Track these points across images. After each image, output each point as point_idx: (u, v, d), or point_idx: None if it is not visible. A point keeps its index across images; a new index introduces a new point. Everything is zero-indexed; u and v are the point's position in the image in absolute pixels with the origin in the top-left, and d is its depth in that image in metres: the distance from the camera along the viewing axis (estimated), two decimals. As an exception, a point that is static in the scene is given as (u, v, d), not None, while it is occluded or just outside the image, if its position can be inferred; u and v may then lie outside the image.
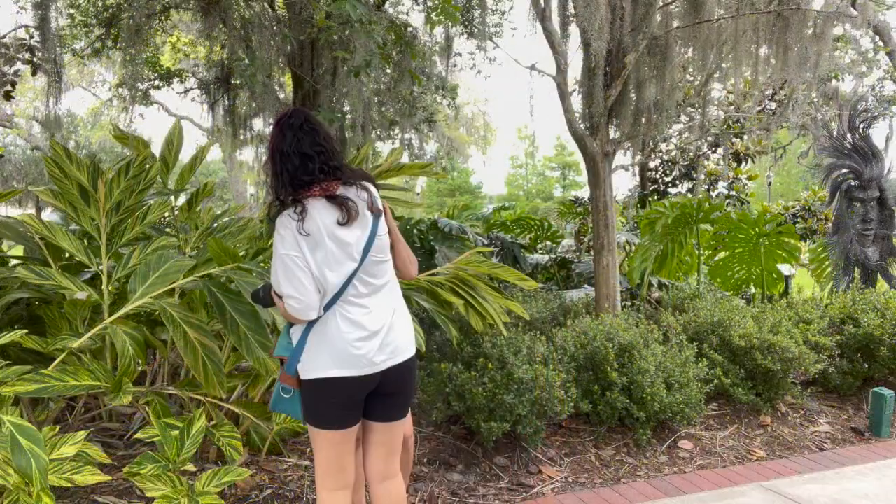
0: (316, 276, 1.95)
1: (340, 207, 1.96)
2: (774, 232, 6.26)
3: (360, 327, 1.97)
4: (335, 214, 1.96)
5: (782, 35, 5.05)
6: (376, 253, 2.03)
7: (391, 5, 9.42)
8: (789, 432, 4.16)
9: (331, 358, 1.95)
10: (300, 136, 1.97)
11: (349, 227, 1.97)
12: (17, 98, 11.02)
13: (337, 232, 1.96)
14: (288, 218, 1.95)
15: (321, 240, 1.94)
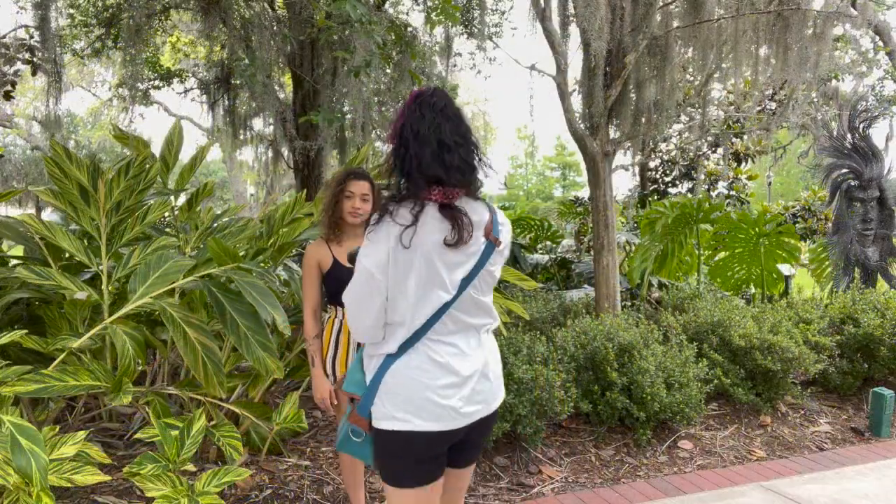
0: (396, 303, 1.61)
1: (453, 223, 1.58)
2: (774, 232, 6.26)
3: (450, 372, 1.62)
4: (443, 231, 1.58)
5: (782, 35, 5.05)
6: (479, 288, 1.68)
7: (391, 5, 9.42)
8: (789, 432, 4.16)
9: (412, 407, 1.60)
10: (441, 121, 1.62)
11: (455, 251, 1.60)
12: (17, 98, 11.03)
13: (438, 253, 1.59)
14: (392, 223, 1.59)
15: (417, 259, 1.58)
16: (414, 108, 1.65)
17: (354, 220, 2.53)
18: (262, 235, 3.64)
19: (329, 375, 2.53)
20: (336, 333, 2.52)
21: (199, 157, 3.76)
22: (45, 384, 2.37)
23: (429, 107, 1.64)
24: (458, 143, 1.62)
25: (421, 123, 1.62)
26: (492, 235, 1.67)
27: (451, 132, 1.62)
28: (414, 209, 1.58)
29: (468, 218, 1.60)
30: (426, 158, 1.58)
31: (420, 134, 1.61)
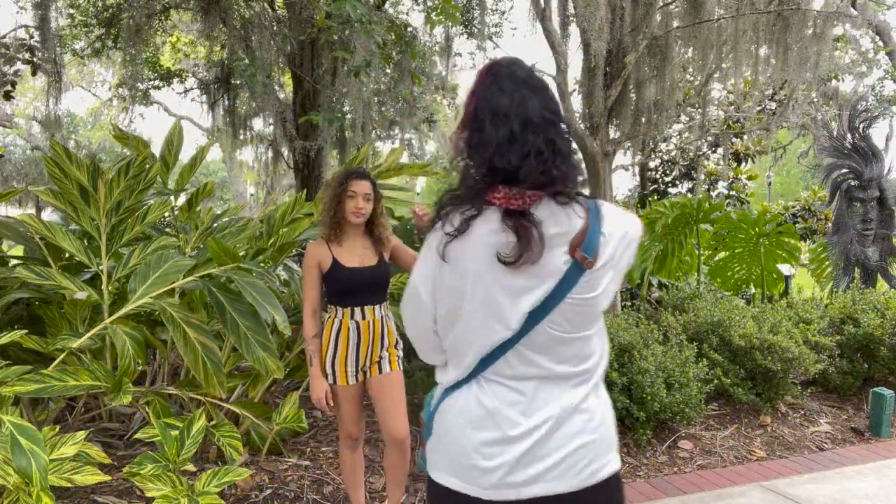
0: (445, 330, 1.31)
1: (516, 234, 1.17)
2: (774, 232, 6.26)
3: (496, 423, 1.24)
4: (497, 244, 1.19)
5: (782, 35, 5.06)
6: (562, 323, 1.22)
7: (391, 5, 9.43)
8: (789, 432, 4.16)
9: (447, 458, 1.30)
10: (525, 94, 1.22)
11: (515, 273, 1.19)
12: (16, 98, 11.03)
13: (493, 274, 1.20)
14: (439, 230, 1.25)
15: (466, 278, 1.22)
16: (489, 82, 1.27)
17: (358, 219, 2.53)
18: (262, 235, 3.64)
19: (328, 375, 2.53)
20: (335, 333, 2.52)
21: (198, 157, 3.76)
22: (45, 384, 2.37)
23: (508, 77, 1.26)
24: (548, 122, 1.22)
25: (500, 98, 1.22)
26: (579, 252, 1.20)
27: (540, 106, 1.22)
28: (467, 212, 1.21)
29: (540, 230, 1.18)
30: (503, 141, 1.19)
31: (498, 111, 1.21)
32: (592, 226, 1.22)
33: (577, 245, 1.21)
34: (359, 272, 2.51)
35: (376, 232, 2.61)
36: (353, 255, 2.53)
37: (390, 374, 2.57)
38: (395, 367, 2.60)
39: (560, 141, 1.22)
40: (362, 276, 2.51)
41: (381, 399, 2.56)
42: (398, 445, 2.56)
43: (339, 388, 2.54)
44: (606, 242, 1.23)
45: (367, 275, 2.53)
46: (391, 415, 2.55)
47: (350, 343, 2.51)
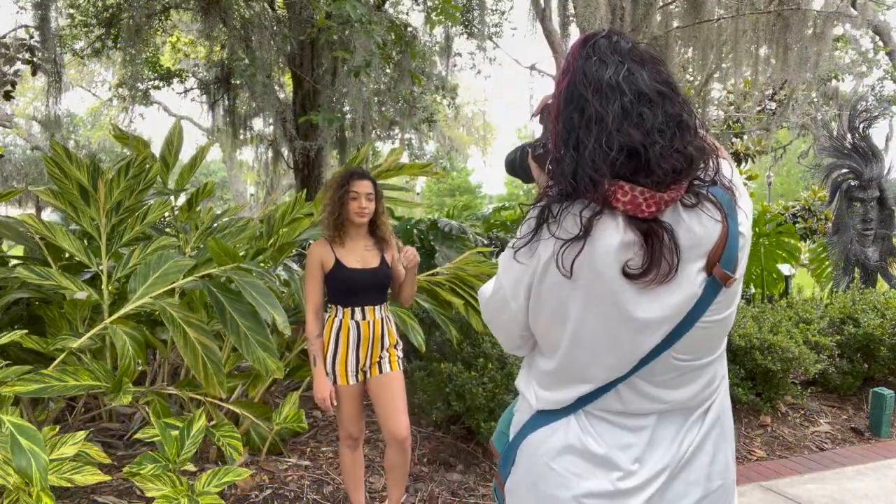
0: (542, 343, 1.10)
1: (645, 241, 0.94)
2: (774, 232, 6.26)
3: (610, 469, 1.04)
4: (625, 254, 0.94)
5: (782, 35, 5.06)
6: (689, 349, 1.02)
7: (391, 5, 9.43)
8: (789, 432, 4.16)
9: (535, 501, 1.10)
10: (632, 66, 0.97)
11: (640, 295, 0.96)
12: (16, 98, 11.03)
13: (612, 295, 0.96)
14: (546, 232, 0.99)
15: (577, 297, 0.98)
16: (587, 54, 1.00)
17: (361, 220, 2.52)
18: (262, 235, 3.64)
19: (329, 375, 2.53)
20: (336, 333, 2.52)
21: (198, 157, 3.77)
22: (45, 384, 2.37)
23: (609, 49, 0.99)
24: (663, 95, 0.96)
25: (602, 70, 0.97)
26: (719, 268, 0.97)
27: (652, 79, 0.97)
28: (585, 212, 0.95)
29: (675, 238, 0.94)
30: (616, 119, 0.93)
31: (604, 85, 0.95)
32: (731, 229, 0.97)
33: (716, 259, 0.97)
34: (361, 273, 2.52)
35: (379, 232, 2.62)
36: (355, 256, 2.53)
37: (390, 373, 2.58)
38: (395, 367, 2.60)
39: (686, 116, 0.97)
40: (364, 276, 2.52)
41: (381, 399, 2.56)
42: (399, 445, 2.56)
43: (338, 387, 2.54)
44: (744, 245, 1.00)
45: (369, 276, 2.53)
46: (391, 414, 2.55)
47: (350, 343, 2.51)
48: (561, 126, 0.99)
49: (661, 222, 0.94)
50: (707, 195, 0.98)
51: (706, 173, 0.98)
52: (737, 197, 1.00)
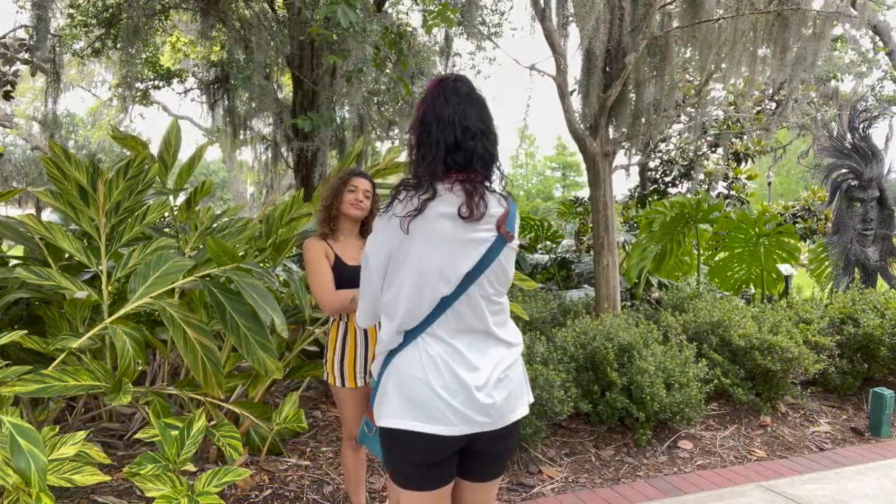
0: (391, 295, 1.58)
1: (468, 196, 1.52)
2: (774, 232, 6.26)
3: (448, 372, 1.53)
4: (456, 205, 1.52)
5: (781, 35, 5.06)
6: (488, 286, 1.57)
7: (391, 5, 9.43)
8: (789, 432, 4.16)
9: (406, 404, 1.53)
10: (466, 106, 1.58)
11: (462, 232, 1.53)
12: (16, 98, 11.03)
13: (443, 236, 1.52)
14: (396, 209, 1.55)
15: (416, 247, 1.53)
16: (437, 93, 1.60)
17: (356, 212, 2.53)
18: (261, 235, 3.64)
19: (336, 378, 2.53)
20: (342, 336, 2.52)
21: (197, 157, 3.76)
22: (45, 384, 2.37)
23: (453, 91, 1.59)
24: (482, 131, 1.58)
25: (444, 109, 1.57)
26: (504, 228, 1.57)
27: (475, 118, 1.58)
28: (423, 195, 1.52)
29: (483, 201, 1.54)
30: (449, 144, 1.54)
31: (443, 119, 1.56)
32: (511, 211, 1.60)
33: (502, 222, 1.57)
34: (360, 271, 2.51)
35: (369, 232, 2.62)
36: (351, 254, 2.54)
37: None
38: None
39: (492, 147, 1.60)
40: None
41: None
42: None
43: (346, 390, 2.53)
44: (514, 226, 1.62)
45: None
46: None
47: (358, 345, 2.51)
48: (415, 140, 1.61)
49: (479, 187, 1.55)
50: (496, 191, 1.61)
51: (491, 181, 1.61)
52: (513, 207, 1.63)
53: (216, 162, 35.00)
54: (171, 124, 3.63)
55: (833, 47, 11.33)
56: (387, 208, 1.56)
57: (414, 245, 1.52)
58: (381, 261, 1.58)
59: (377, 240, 1.58)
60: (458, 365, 1.54)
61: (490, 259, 1.55)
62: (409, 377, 1.54)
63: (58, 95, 8.77)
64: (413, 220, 1.50)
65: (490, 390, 1.55)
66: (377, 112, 9.43)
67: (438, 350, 1.54)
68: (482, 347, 1.59)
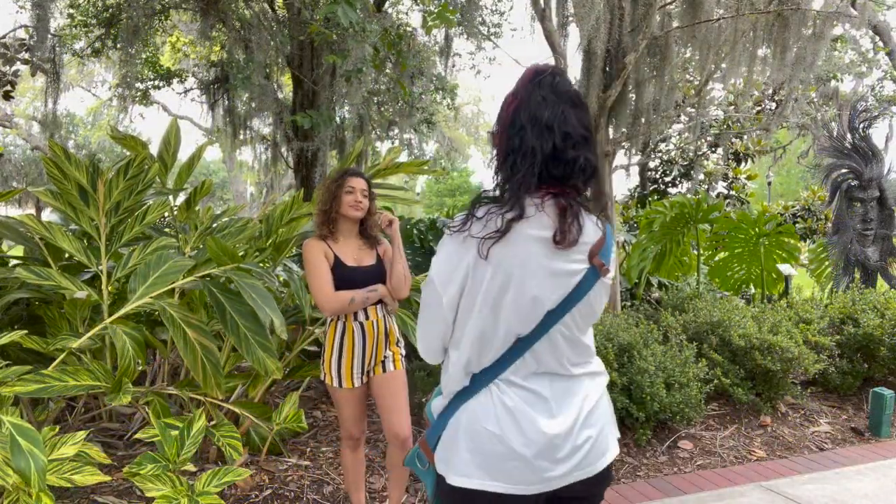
0: (463, 330, 1.32)
1: (563, 218, 1.26)
2: (774, 232, 6.26)
3: (528, 424, 1.29)
4: (548, 225, 1.26)
5: (781, 35, 5.06)
6: (572, 324, 1.32)
7: (391, 5, 9.43)
8: (789, 432, 4.16)
9: (477, 461, 1.30)
10: (567, 109, 1.29)
11: (555, 261, 1.27)
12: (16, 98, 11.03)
13: (530, 266, 1.26)
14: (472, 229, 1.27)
15: (496, 276, 1.26)
16: (532, 90, 1.31)
17: (356, 213, 2.52)
18: (261, 235, 3.64)
19: (334, 378, 2.52)
20: (340, 336, 2.51)
21: (196, 157, 3.76)
22: (45, 384, 2.37)
23: (551, 89, 1.31)
24: (584, 138, 1.29)
25: (542, 109, 1.28)
26: (598, 259, 1.30)
27: (577, 122, 1.29)
28: (509, 213, 1.24)
29: (579, 223, 1.28)
30: (547, 154, 1.26)
31: (541, 122, 1.27)
32: (606, 239, 1.34)
33: (596, 252, 1.31)
34: (361, 271, 2.51)
35: (369, 231, 2.62)
36: (350, 255, 2.53)
37: (393, 372, 2.57)
38: (399, 366, 2.60)
39: (594, 159, 1.32)
40: (365, 274, 2.51)
41: (384, 398, 2.56)
42: (401, 444, 2.56)
43: (344, 390, 2.53)
44: (606, 252, 1.34)
45: (367, 273, 2.52)
46: (394, 414, 2.55)
47: (356, 345, 2.51)
48: (504, 144, 1.31)
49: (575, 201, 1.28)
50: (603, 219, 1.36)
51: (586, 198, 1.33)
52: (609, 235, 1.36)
53: (216, 162, 35.01)
54: (171, 124, 3.63)
55: (833, 47, 11.33)
56: (461, 226, 1.28)
57: (491, 273, 1.25)
58: (455, 289, 1.30)
59: (448, 264, 1.30)
60: (539, 412, 1.30)
61: (579, 295, 1.30)
62: (482, 431, 1.30)
63: (58, 95, 8.77)
64: (495, 243, 1.24)
65: (576, 437, 1.32)
66: (377, 112, 9.43)
67: (516, 399, 1.30)
68: (565, 387, 1.35)
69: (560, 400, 1.33)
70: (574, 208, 1.27)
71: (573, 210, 1.27)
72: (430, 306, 1.35)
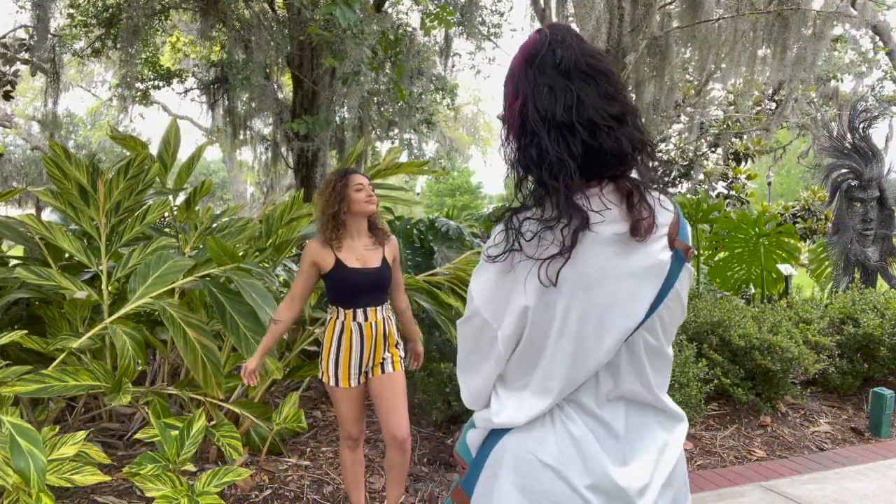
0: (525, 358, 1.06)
1: (629, 203, 1.01)
2: (774, 232, 6.26)
3: (599, 463, 1.03)
4: (616, 217, 1.01)
5: (781, 35, 5.06)
6: (658, 328, 1.07)
7: (390, 5, 9.43)
8: (789, 432, 4.16)
9: (531, 501, 1.04)
10: (582, 88, 1.01)
11: (630, 255, 1.01)
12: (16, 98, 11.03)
13: (612, 258, 1.01)
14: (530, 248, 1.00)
15: (564, 296, 1.00)
16: (533, 79, 1.03)
17: (371, 206, 2.50)
18: (261, 235, 3.64)
19: (331, 377, 2.52)
20: (338, 336, 2.50)
21: (196, 156, 3.76)
22: (45, 384, 2.37)
23: (555, 69, 1.01)
24: (617, 116, 1.01)
25: (551, 102, 1.00)
26: (679, 241, 1.06)
27: (601, 100, 1.01)
28: (569, 224, 0.97)
29: (647, 204, 1.02)
30: (577, 154, 0.99)
31: (555, 119, 1.00)
32: (679, 216, 1.09)
33: (674, 232, 1.06)
34: (363, 273, 2.49)
35: (377, 224, 2.61)
36: (354, 256, 2.50)
37: (392, 374, 2.57)
38: (398, 367, 2.60)
39: (638, 130, 1.04)
40: (365, 277, 2.49)
41: (382, 400, 2.55)
42: (399, 446, 2.56)
43: (340, 390, 2.53)
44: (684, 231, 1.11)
45: (370, 276, 2.50)
46: (393, 415, 2.55)
47: (353, 345, 2.50)
48: (521, 158, 1.04)
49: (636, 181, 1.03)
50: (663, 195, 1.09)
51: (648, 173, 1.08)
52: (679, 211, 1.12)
53: (216, 162, 35.00)
54: (171, 124, 3.63)
55: (833, 47, 11.33)
56: (508, 248, 1.01)
57: (563, 298, 0.99)
58: (514, 326, 1.03)
59: (497, 293, 1.04)
60: (609, 453, 1.04)
61: (666, 291, 1.04)
62: (536, 465, 1.03)
63: (58, 95, 8.78)
64: (567, 264, 0.98)
65: (651, 498, 1.05)
66: (377, 112, 9.43)
67: (584, 428, 1.04)
68: (641, 425, 1.08)
69: (634, 442, 1.06)
70: (640, 189, 1.02)
71: (639, 191, 1.02)
72: (479, 349, 1.08)
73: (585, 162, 1.00)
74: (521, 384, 1.07)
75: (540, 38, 1.05)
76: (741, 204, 11.08)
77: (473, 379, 1.12)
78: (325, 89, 8.04)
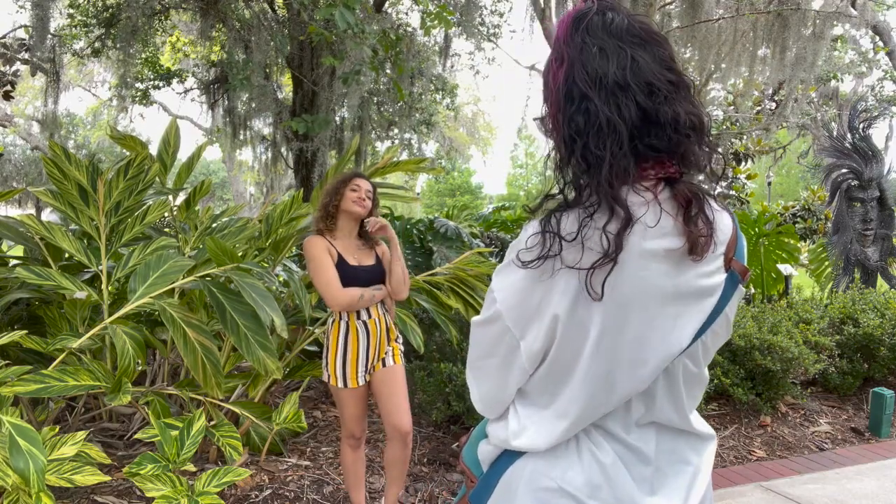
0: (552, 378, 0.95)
1: (687, 214, 0.88)
2: (774, 232, 6.27)
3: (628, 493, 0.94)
4: (669, 230, 0.88)
5: (780, 35, 5.06)
6: (703, 353, 0.97)
7: (390, 5, 9.43)
8: (789, 432, 4.16)
9: None
10: (636, 49, 0.89)
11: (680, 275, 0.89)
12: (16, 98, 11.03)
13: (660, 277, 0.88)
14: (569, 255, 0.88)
15: (605, 310, 0.88)
16: (581, 42, 0.90)
17: (359, 208, 2.51)
18: (261, 235, 3.64)
19: (338, 379, 2.52)
20: (344, 336, 2.51)
21: (196, 156, 3.76)
22: (45, 384, 2.37)
23: (605, 31, 0.89)
24: (673, 83, 0.89)
25: (603, 63, 0.87)
26: (736, 262, 0.93)
27: (657, 64, 0.89)
28: (612, 224, 0.85)
29: (706, 216, 0.89)
30: (633, 120, 0.86)
31: (606, 80, 0.87)
32: (736, 229, 0.95)
33: (731, 250, 0.93)
34: (363, 270, 2.52)
35: (367, 238, 2.63)
36: (351, 254, 2.54)
37: (393, 367, 2.59)
38: (399, 360, 2.62)
39: (696, 105, 0.93)
40: (367, 273, 2.52)
41: (384, 393, 2.56)
42: (402, 439, 2.57)
43: (348, 390, 2.53)
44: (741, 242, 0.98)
45: (369, 272, 2.54)
46: (395, 409, 2.55)
47: (360, 344, 2.51)
48: (565, 129, 0.90)
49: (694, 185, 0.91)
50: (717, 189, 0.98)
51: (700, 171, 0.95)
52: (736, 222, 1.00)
53: (216, 162, 35.01)
54: (170, 124, 3.63)
55: (833, 47, 11.33)
56: (542, 253, 0.88)
57: (599, 315, 0.88)
58: (542, 341, 0.92)
59: (525, 300, 0.92)
60: (638, 482, 0.95)
61: (714, 316, 0.92)
62: (558, 494, 0.94)
63: (58, 95, 8.78)
64: (611, 274, 0.85)
65: None
66: (377, 112, 9.43)
67: (612, 455, 0.95)
68: (671, 448, 0.99)
69: (665, 468, 0.97)
70: (700, 197, 0.89)
71: (699, 201, 0.88)
72: (495, 355, 0.98)
73: (639, 132, 0.86)
74: (544, 402, 0.97)
75: (586, 4, 0.94)
76: (741, 204, 11.07)
77: (486, 383, 1.02)
78: (324, 89, 8.05)
